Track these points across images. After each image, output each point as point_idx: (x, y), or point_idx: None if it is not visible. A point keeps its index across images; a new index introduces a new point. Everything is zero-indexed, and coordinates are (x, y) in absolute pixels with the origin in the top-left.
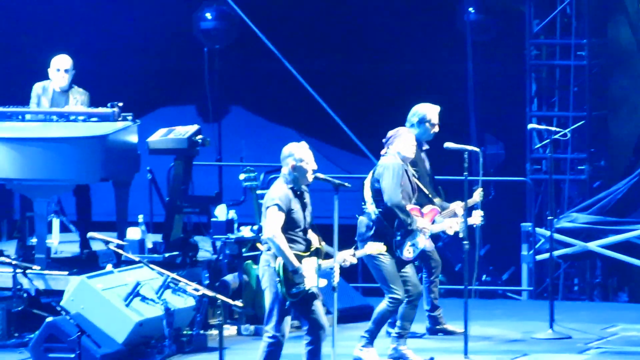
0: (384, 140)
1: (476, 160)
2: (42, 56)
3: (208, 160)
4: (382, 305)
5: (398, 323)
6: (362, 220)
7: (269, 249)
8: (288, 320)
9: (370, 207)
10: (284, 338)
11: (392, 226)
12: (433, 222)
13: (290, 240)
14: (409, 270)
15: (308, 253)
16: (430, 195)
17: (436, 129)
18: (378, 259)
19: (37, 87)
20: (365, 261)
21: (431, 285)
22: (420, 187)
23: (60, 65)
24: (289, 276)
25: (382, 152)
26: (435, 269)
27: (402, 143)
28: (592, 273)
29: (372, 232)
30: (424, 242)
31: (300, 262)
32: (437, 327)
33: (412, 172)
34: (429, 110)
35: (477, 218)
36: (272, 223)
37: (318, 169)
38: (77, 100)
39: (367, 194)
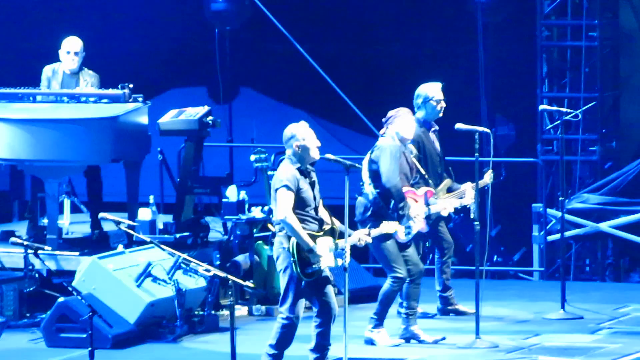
0: (383, 120)
1: (487, 142)
2: (52, 38)
3: (219, 141)
4: (386, 285)
5: (404, 303)
6: (360, 201)
7: (281, 230)
8: (302, 302)
9: (368, 188)
10: (298, 320)
11: (389, 207)
12: (427, 203)
13: (302, 220)
14: (410, 249)
15: (322, 232)
16: (426, 176)
17: (442, 104)
18: (379, 240)
19: (47, 70)
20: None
21: (443, 266)
22: (418, 168)
23: (70, 48)
24: (304, 256)
25: (381, 131)
26: (447, 249)
27: (401, 124)
28: (604, 254)
29: (369, 213)
30: (419, 226)
31: (314, 241)
32: (449, 307)
33: (415, 152)
34: (430, 88)
35: (469, 199)
36: (282, 204)
37: (329, 150)
38: (87, 82)
39: (365, 175)
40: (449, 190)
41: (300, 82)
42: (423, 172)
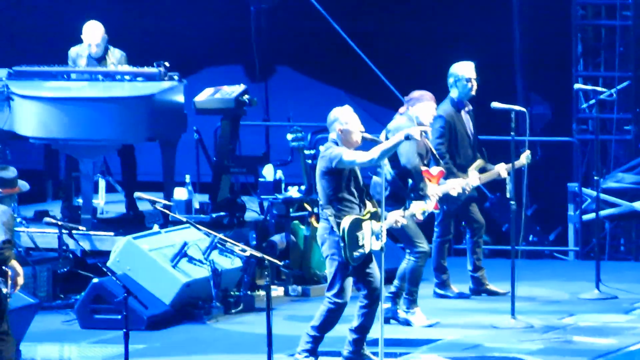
0: (406, 98)
1: (523, 121)
2: (86, 15)
3: (255, 120)
4: (410, 263)
5: (396, 282)
6: (377, 181)
7: (329, 215)
8: (350, 287)
9: (385, 168)
10: (345, 305)
11: (406, 187)
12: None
13: (347, 204)
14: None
15: (367, 217)
16: (437, 156)
17: (473, 83)
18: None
19: (72, 52)
20: None
21: (474, 246)
22: (430, 148)
23: (91, 40)
24: (354, 239)
25: (401, 110)
26: (478, 230)
27: (423, 109)
28: (638, 233)
29: (387, 192)
30: (432, 206)
31: (360, 225)
32: (480, 288)
33: (429, 133)
34: (461, 68)
35: (473, 180)
36: (357, 155)
37: (365, 129)
38: (114, 63)
39: None
40: (482, 171)
41: (337, 60)
42: (434, 152)
